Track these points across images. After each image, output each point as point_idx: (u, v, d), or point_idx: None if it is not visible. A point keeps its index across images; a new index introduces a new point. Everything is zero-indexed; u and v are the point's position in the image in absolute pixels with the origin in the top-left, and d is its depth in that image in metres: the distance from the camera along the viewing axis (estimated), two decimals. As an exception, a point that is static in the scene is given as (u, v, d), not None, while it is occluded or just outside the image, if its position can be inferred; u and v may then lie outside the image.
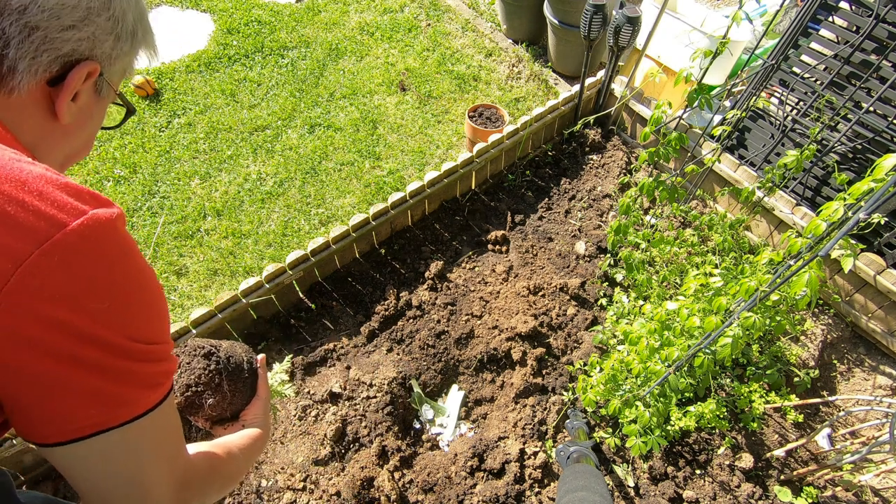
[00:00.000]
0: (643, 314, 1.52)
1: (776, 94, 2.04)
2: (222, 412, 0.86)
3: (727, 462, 1.64)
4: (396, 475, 1.60)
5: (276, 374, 1.23)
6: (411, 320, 1.91)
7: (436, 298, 1.96)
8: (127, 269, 0.51)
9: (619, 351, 1.40)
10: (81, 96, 0.58)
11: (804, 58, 1.94)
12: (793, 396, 1.51)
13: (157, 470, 0.57)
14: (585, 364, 1.78)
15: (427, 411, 1.76)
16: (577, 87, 2.40)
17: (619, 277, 2.00)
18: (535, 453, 1.64)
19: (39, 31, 0.51)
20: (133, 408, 0.52)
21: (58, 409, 0.48)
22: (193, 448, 0.68)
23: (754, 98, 1.90)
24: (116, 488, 0.54)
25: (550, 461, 1.64)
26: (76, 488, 0.54)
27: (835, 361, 2.00)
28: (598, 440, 1.65)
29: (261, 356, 0.95)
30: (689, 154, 2.16)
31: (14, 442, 1.47)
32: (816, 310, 2.07)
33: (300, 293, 1.98)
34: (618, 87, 2.46)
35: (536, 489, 1.59)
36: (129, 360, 0.51)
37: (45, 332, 0.45)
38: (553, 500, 1.58)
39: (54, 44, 0.52)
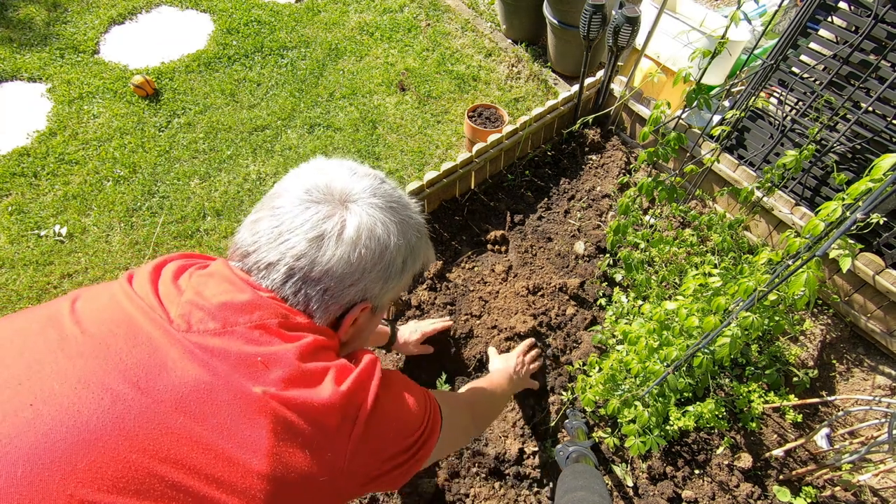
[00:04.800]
0: (642, 314, 1.52)
1: (775, 94, 2.05)
2: None
3: (726, 462, 1.64)
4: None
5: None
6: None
7: (435, 298, 1.96)
8: (395, 411, 0.73)
9: (618, 351, 1.40)
10: (359, 320, 0.78)
11: (803, 58, 1.94)
12: (792, 396, 1.51)
13: (460, 425, 0.95)
14: (584, 364, 1.78)
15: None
16: (576, 87, 2.40)
17: (618, 277, 2.00)
18: (535, 453, 1.64)
19: (329, 291, 0.70)
20: (424, 457, 0.79)
21: (390, 487, 0.76)
22: (463, 389, 1.24)
23: (753, 98, 1.90)
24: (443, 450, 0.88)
25: (550, 461, 1.64)
26: None
27: (834, 361, 2.00)
28: (597, 440, 1.65)
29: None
30: (688, 154, 2.16)
31: None
32: (815, 310, 2.07)
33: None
34: (617, 86, 2.46)
35: (535, 489, 1.59)
36: (423, 440, 0.78)
37: (373, 471, 0.70)
38: (552, 500, 1.58)
39: (338, 298, 0.71)
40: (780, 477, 1.66)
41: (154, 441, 0.53)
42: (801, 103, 1.96)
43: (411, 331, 1.70)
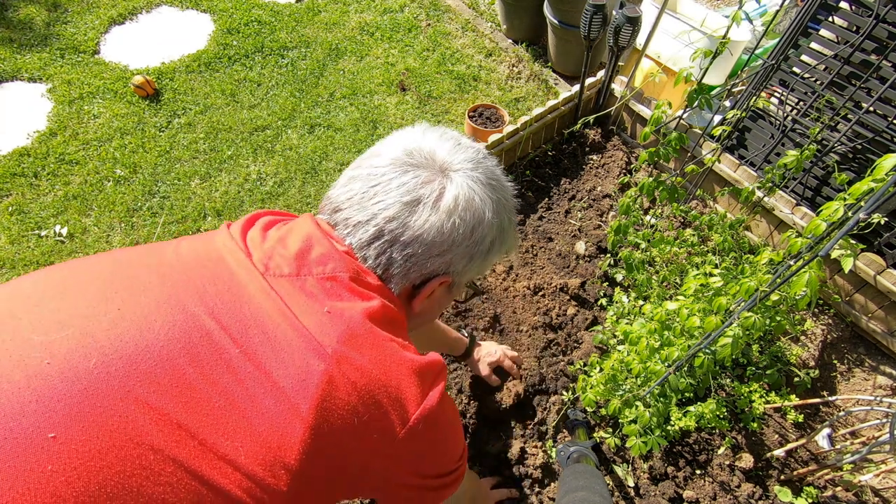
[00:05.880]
0: (643, 314, 1.52)
1: (776, 94, 2.04)
2: None
3: (727, 462, 1.64)
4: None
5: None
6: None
7: (436, 298, 1.96)
8: (446, 431, 0.71)
9: (619, 351, 1.40)
10: (435, 294, 0.76)
11: (804, 58, 1.93)
12: (793, 396, 1.51)
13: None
14: (585, 364, 1.78)
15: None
16: (576, 87, 2.40)
17: (619, 277, 2.00)
18: (535, 453, 1.64)
19: (414, 257, 0.68)
20: (443, 497, 0.76)
21: None
22: None
23: (754, 98, 1.90)
24: None
25: (550, 461, 1.64)
26: None
27: (835, 361, 2.00)
28: (598, 440, 1.65)
29: None
30: (689, 154, 2.16)
31: None
32: (816, 310, 2.07)
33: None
34: (618, 87, 2.46)
35: (536, 489, 1.59)
36: (448, 476, 0.74)
37: (406, 478, 0.67)
38: (553, 500, 1.57)
39: (421, 266, 0.70)
40: (782, 477, 1.66)
41: (210, 361, 0.57)
42: (801, 103, 1.96)
43: (489, 351, 1.65)
